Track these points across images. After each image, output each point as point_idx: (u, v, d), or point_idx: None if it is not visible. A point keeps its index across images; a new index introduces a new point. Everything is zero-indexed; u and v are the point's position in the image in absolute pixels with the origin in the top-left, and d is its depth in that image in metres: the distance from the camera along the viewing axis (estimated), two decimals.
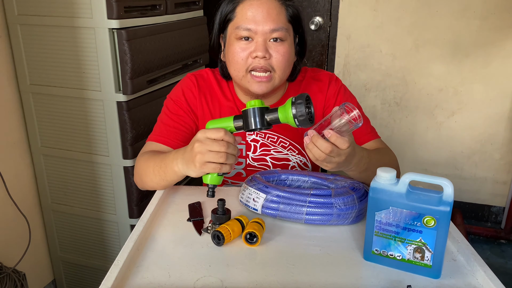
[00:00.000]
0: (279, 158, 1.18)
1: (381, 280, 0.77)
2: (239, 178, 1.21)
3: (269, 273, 0.79)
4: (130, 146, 1.60)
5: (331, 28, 2.55)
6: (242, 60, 1.03)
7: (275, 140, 1.17)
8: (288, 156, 1.18)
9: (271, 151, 1.17)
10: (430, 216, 0.75)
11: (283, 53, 1.03)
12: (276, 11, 1.02)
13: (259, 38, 1.01)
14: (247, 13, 1.02)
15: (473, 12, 2.30)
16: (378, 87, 2.57)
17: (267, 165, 1.18)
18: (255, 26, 1.01)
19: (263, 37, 1.01)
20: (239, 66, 1.04)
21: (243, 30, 1.01)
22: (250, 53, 1.02)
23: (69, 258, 1.89)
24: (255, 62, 1.02)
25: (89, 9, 1.46)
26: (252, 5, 1.02)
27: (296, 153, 1.18)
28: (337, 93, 1.16)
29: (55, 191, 1.78)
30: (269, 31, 1.01)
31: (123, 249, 0.82)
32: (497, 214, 2.59)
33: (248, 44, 1.02)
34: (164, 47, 1.70)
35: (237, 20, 1.03)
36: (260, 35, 1.01)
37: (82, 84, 1.57)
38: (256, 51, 1.01)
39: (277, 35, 1.01)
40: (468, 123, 2.48)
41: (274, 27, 1.01)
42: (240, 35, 1.02)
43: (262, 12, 1.01)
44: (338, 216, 0.92)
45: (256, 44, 1.01)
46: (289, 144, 1.18)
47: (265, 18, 1.00)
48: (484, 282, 0.77)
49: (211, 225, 0.91)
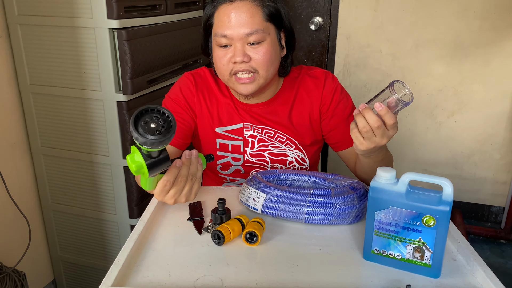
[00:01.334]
0: (277, 154, 1.18)
1: (380, 280, 0.78)
2: (237, 174, 1.21)
3: (269, 272, 0.79)
4: (130, 146, 1.60)
5: (331, 28, 2.55)
6: (224, 66, 1.05)
7: (272, 135, 1.17)
8: (285, 151, 1.18)
9: (268, 146, 1.18)
10: (430, 216, 0.75)
11: (263, 53, 1.04)
12: (250, 13, 1.01)
13: (236, 44, 1.02)
14: (222, 18, 1.03)
15: (473, 12, 2.30)
16: (378, 87, 2.56)
17: (265, 160, 1.19)
18: (230, 32, 1.02)
19: (241, 42, 1.02)
20: (222, 71, 1.07)
21: (220, 37, 1.03)
22: (229, 58, 1.04)
23: (69, 258, 1.89)
24: (236, 67, 1.04)
25: (89, 9, 1.46)
26: (226, 11, 1.02)
27: (293, 147, 1.18)
28: (334, 91, 1.16)
29: (55, 191, 1.78)
30: (245, 36, 1.02)
31: (123, 249, 0.82)
32: (497, 214, 2.59)
33: (228, 50, 1.04)
34: (164, 47, 1.70)
35: (215, 27, 1.05)
36: (237, 40, 1.02)
37: (82, 84, 1.58)
38: (235, 56, 1.03)
39: (254, 38, 1.02)
40: (468, 123, 2.48)
41: (249, 31, 1.01)
42: (218, 43, 1.04)
43: (236, 17, 1.01)
44: (338, 216, 0.92)
45: (235, 50, 1.03)
46: (286, 139, 1.18)
47: (239, 22, 1.01)
48: (484, 281, 0.77)
49: (211, 225, 0.91)
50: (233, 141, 1.17)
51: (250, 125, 1.17)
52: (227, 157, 1.19)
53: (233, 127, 1.17)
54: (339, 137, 1.17)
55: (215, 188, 1.13)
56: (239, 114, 1.17)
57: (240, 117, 1.17)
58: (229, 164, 1.19)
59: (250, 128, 1.17)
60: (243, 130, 1.17)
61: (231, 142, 1.17)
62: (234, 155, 1.18)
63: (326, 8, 2.53)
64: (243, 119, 1.17)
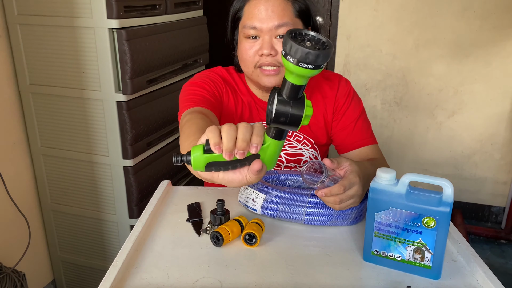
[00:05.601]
0: (293, 154, 1.19)
1: (380, 281, 0.77)
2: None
3: (268, 274, 0.79)
4: (130, 146, 1.60)
5: (331, 28, 2.55)
6: (250, 58, 1.06)
7: (290, 133, 1.19)
8: (302, 150, 1.20)
9: (285, 147, 1.19)
10: (430, 217, 0.75)
11: None
12: (281, 7, 1.03)
13: (265, 36, 1.04)
14: (253, 11, 1.04)
15: (473, 12, 2.29)
16: (378, 87, 2.56)
17: (281, 160, 1.20)
18: (260, 24, 1.03)
19: (269, 34, 1.04)
20: (248, 63, 1.08)
21: (249, 28, 1.05)
22: (257, 50, 1.05)
23: (69, 258, 1.89)
24: (262, 59, 1.05)
25: (89, 9, 1.46)
26: (258, 4, 1.04)
27: (310, 147, 1.20)
28: (347, 93, 1.19)
29: (55, 191, 1.78)
30: (274, 28, 1.03)
31: (121, 250, 0.82)
32: (497, 214, 2.59)
33: (255, 42, 1.05)
34: (164, 47, 1.70)
35: (244, 19, 1.07)
36: (266, 33, 1.03)
37: (82, 84, 1.57)
38: (262, 49, 1.04)
39: (283, 31, 1.03)
40: (468, 123, 2.48)
41: (278, 23, 1.03)
42: (247, 34, 1.06)
43: (267, 10, 1.03)
44: (337, 217, 0.92)
45: (262, 42, 1.04)
46: (303, 138, 1.20)
47: (270, 15, 1.03)
48: (484, 282, 0.77)
49: (210, 226, 0.91)
50: None
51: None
52: None
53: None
54: (344, 138, 1.18)
55: (214, 189, 1.13)
56: (258, 113, 1.18)
57: (260, 117, 1.18)
58: None
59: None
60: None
61: None
62: None
63: (326, 8, 2.53)
64: (262, 118, 1.18)
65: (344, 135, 1.18)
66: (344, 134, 1.18)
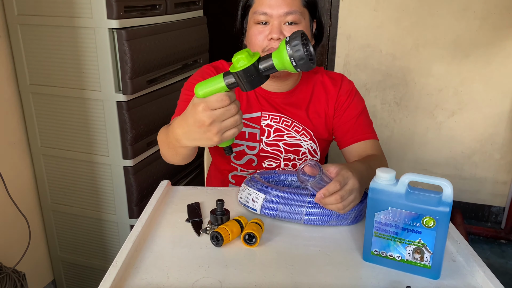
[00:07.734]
0: (292, 144, 1.20)
1: (380, 281, 0.77)
2: (249, 166, 1.22)
3: (268, 274, 0.79)
4: (130, 146, 1.60)
5: (331, 28, 2.55)
6: (259, 42, 1.10)
7: (289, 123, 1.20)
8: (300, 141, 1.21)
9: (284, 136, 1.20)
10: (430, 217, 0.75)
11: None
12: None
13: (274, 21, 1.08)
14: None
15: (473, 12, 2.29)
16: (378, 87, 2.56)
17: (280, 150, 1.21)
18: (270, 10, 1.08)
19: (278, 20, 1.08)
20: (256, 47, 1.11)
21: (260, 14, 1.09)
22: (266, 35, 1.09)
23: (69, 258, 1.89)
24: (271, 44, 1.09)
25: (89, 9, 1.46)
26: None
27: (308, 138, 1.21)
28: (350, 91, 1.22)
29: (55, 191, 1.78)
30: (284, 14, 1.07)
31: (121, 250, 0.82)
32: (497, 214, 2.59)
33: (265, 27, 1.10)
34: (164, 47, 1.70)
35: (255, 6, 1.12)
36: (275, 18, 1.08)
37: (82, 84, 1.57)
38: (271, 33, 1.08)
39: (291, 18, 1.08)
40: (468, 123, 2.48)
41: (288, 10, 1.07)
42: (257, 20, 1.10)
43: None
44: (337, 217, 0.92)
45: (272, 27, 1.08)
46: (302, 129, 1.21)
47: (280, 3, 1.08)
48: (484, 282, 0.77)
49: (210, 226, 0.91)
50: (250, 129, 1.20)
51: (268, 114, 1.20)
52: (243, 146, 1.20)
53: (251, 115, 1.20)
54: (345, 132, 1.20)
55: (213, 189, 1.13)
56: (258, 103, 1.20)
57: (259, 106, 1.20)
58: (244, 152, 1.21)
59: (268, 118, 1.20)
60: (260, 119, 1.20)
61: (249, 129, 1.20)
62: (249, 143, 1.20)
63: (326, 8, 2.53)
64: (262, 107, 1.20)
65: (345, 129, 1.20)
66: (345, 128, 1.20)
